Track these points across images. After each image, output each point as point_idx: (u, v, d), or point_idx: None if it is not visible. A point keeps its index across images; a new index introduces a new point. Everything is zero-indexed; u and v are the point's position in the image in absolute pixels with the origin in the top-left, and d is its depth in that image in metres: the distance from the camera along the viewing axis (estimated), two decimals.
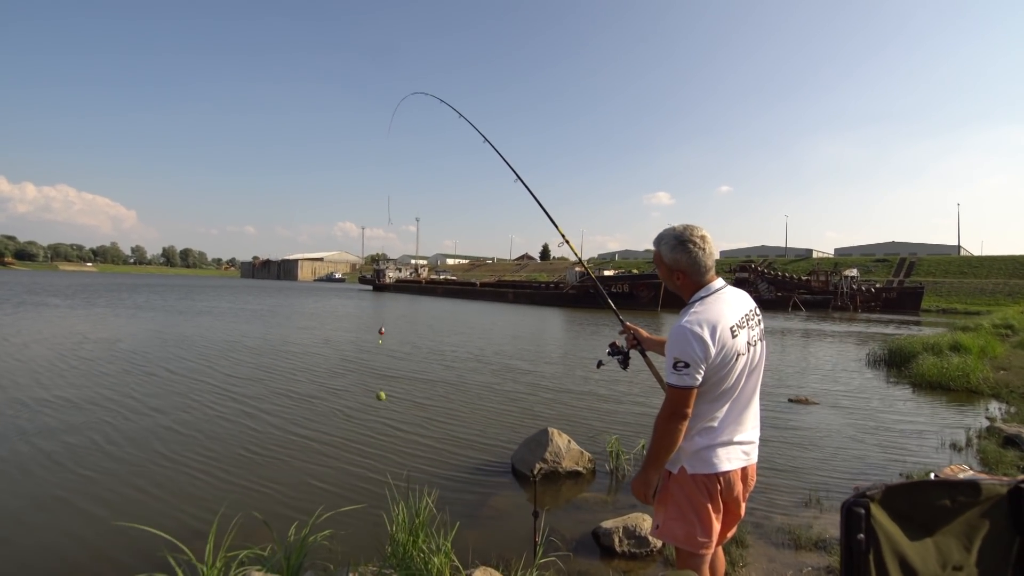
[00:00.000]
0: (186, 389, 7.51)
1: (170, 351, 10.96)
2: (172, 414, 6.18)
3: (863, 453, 5.36)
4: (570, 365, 10.90)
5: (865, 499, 1.10)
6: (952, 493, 1.15)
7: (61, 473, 4.37)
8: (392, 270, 70.41)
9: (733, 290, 1.85)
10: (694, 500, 1.78)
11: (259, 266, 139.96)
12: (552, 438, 4.69)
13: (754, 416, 1.85)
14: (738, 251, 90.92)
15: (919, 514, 1.13)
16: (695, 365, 1.66)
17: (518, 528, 3.53)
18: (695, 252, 1.80)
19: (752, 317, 1.83)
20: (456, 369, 9.99)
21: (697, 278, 1.83)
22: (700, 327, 1.68)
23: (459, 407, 6.98)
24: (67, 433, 5.35)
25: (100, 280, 63.92)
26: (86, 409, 6.26)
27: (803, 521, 3.63)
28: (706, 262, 1.81)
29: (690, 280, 1.84)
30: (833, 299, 42.83)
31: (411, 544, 2.61)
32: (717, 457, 1.76)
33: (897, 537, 1.10)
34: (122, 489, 4.10)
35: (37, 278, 63.24)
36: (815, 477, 4.60)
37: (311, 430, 5.76)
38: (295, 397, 7.29)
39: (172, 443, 5.18)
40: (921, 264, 59.27)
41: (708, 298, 1.78)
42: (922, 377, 9.07)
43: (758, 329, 1.83)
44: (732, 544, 3.22)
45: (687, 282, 1.85)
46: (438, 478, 4.38)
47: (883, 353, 11.64)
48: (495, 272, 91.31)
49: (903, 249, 72.40)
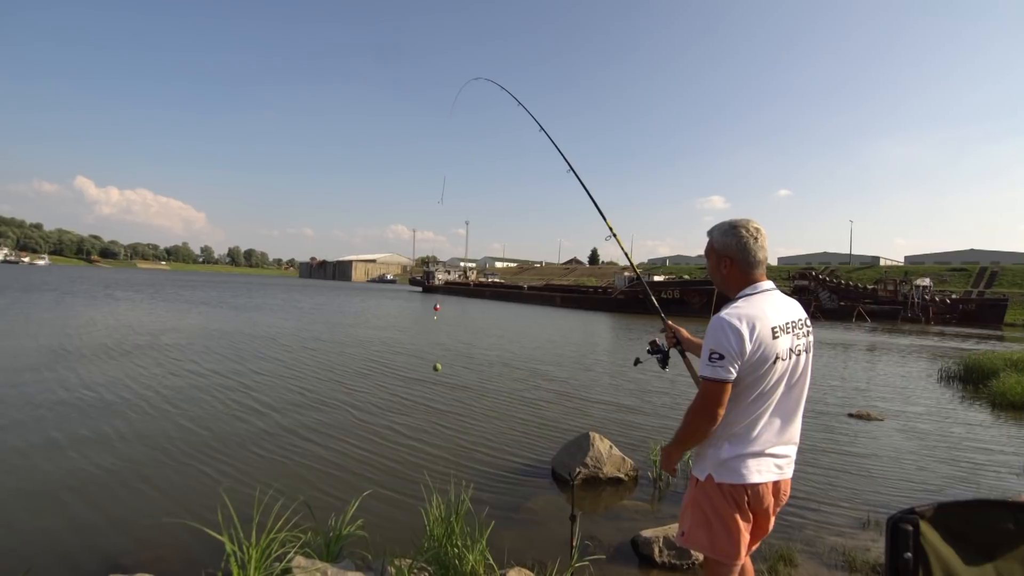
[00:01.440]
0: (232, 380, 7.88)
1: (227, 341, 11.55)
2: (219, 402, 6.50)
3: (931, 474, 5.00)
4: (616, 371, 10.73)
5: (914, 515, 1.01)
6: (1017, 515, 1.05)
7: (107, 457, 4.65)
8: (441, 272, 71.66)
9: (783, 295, 1.79)
10: (720, 509, 1.73)
11: (316, 266, 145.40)
12: (593, 443, 4.62)
13: (793, 429, 1.77)
14: (798, 258, 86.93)
15: (977, 536, 1.04)
16: (730, 358, 1.61)
17: (555, 531, 3.49)
18: (746, 239, 1.74)
19: (800, 326, 1.74)
20: (500, 370, 10.03)
21: (745, 268, 1.76)
22: (739, 320, 1.63)
23: (501, 408, 6.99)
24: (112, 418, 5.73)
25: (172, 277, 68.31)
26: (151, 397, 6.68)
27: (859, 543, 3.42)
28: (756, 254, 1.75)
29: (737, 270, 1.78)
30: (903, 310, 40.18)
31: (446, 539, 2.63)
32: (747, 468, 1.70)
33: (949, 558, 1.01)
34: (166, 473, 4.32)
35: (117, 275, 68.24)
36: (876, 497, 4.32)
37: (352, 423, 5.92)
38: (339, 391, 7.51)
39: (218, 430, 5.44)
40: (1004, 274, 54.74)
41: (754, 296, 1.73)
42: (1004, 396, 8.35)
43: (805, 340, 1.75)
44: (779, 562, 3.07)
45: (734, 272, 1.78)
46: (476, 476, 4.40)
47: (958, 369, 10.82)
48: (543, 276, 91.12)
49: (983, 257, 67.14)
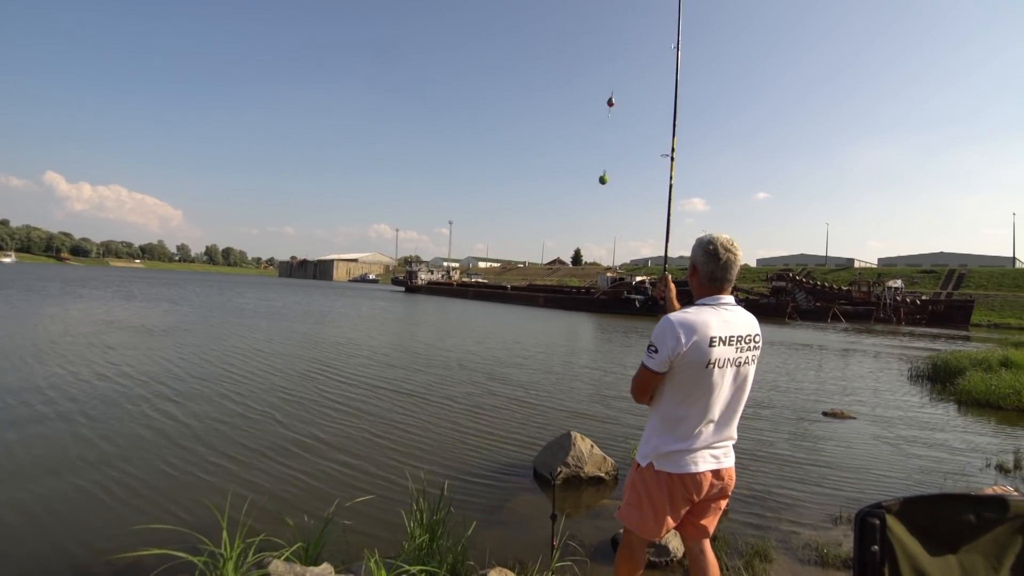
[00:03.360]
0: (199, 378, 7.75)
1: (195, 341, 11.34)
2: (190, 404, 6.39)
3: (900, 471, 5.14)
4: (598, 371, 10.80)
5: (881, 510, 1.05)
6: (977, 508, 1.09)
7: (69, 460, 4.52)
8: (424, 272, 71.20)
9: (738, 311, 1.94)
10: (653, 494, 1.96)
11: (296, 266, 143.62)
12: (575, 442, 4.65)
13: (730, 428, 1.97)
14: (776, 259, 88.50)
15: (940, 528, 1.08)
16: (662, 355, 1.83)
17: (536, 531, 3.51)
18: (715, 255, 1.91)
19: (747, 340, 1.91)
20: (483, 371, 10.02)
21: (707, 281, 1.94)
22: (680, 326, 1.82)
23: (483, 408, 6.99)
24: (78, 417, 5.59)
25: (144, 275, 66.75)
26: (103, 395, 6.53)
27: (831, 538, 3.50)
28: (719, 271, 1.91)
29: (699, 281, 1.96)
30: (875, 311, 41.19)
31: (427, 541, 2.63)
32: (684, 460, 1.91)
33: (915, 550, 1.05)
34: (137, 477, 4.21)
35: (85, 272, 66.42)
36: (847, 493, 4.43)
37: (330, 425, 5.86)
38: (316, 393, 7.43)
39: (192, 433, 5.35)
40: (971, 276, 56.47)
41: (705, 307, 1.90)
42: (969, 394, 8.63)
43: (749, 353, 1.92)
44: (755, 558, 3.13)
45: (698, 281, 1.97)
46: (458, 477, 4.39)
47: (927, 368, 11.15)
48: (526, 276, 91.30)
49: (952, 260, 69.14)
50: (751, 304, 41.84)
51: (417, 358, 11.34)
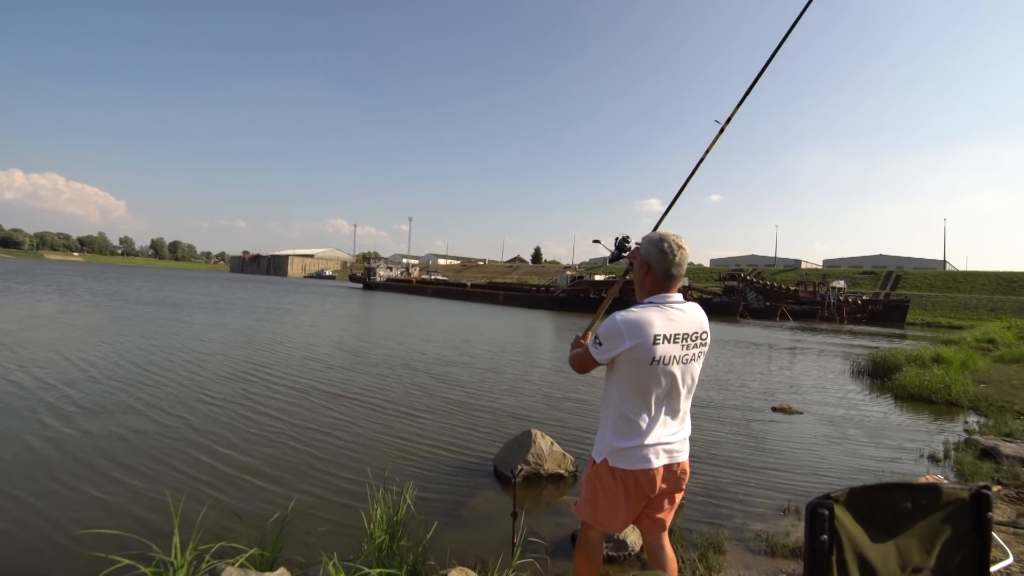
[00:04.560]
0: (149, 382, 7.42)
1: (135, 342, 10.84)
2: (138, 407, 6.11)
3: (844, 462, 5.41)
4: (557, 368, 10.91)
5: (829, 500, 1.11)
6: (913, 495, 1.17)
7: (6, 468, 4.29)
8: (383, 269, 70.20)
9: (687, 307, 1.99)
10: (608, 489, 2.00)
11: (249, 261, 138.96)
12: (535, 440, 4.68)
13: (680, 422, 2.03)
14: (728, 260, 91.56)
15: (880, 516, 1.15)
16: (605, 348, 1.93)
17: (497, 529, 3.52)
18: (667, 252, 1.97)
19: (694, 338, 1.97)
20: (442, 369, 9.97)
21: (658, 278, 1.99)
22: (625, 324, 1.89)
23: (443, 407, 6.95)
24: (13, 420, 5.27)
25: (82, 269, 63.01)
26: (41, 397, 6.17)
27: (781, 529, 3.65)
28: (671, 268, 1.97)
29: (651, 279, 2.00)
30: (820, 310, 43.21)
31: (387, 542, 2.60)
32: (636, 456, 1.95)
33: (859, 538, 1.11)
34: (75, 483, 4.02)
35: (15, 265, 62.20)
36: (795, 485, 4.63)
37: (288, 427, 5.71)
38: (270, 394, 7.23)
39: (143, 438, 5.12)
40: (907, 278, 60.01)
41: (652, 306, 1.95)
42: (904, 389, 9.18)
43: (695, 350, 1.98)
44: (709, 550, 3.23)
45: (648, 279, 2.01)
46: (418, 478, 4.35)
47: (867, 364, 11.76)
48: (486, 274, 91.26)
49: (890, 262, 73.33)
50: (704, 303, 42.91)
51: (377, 358, 11.17)
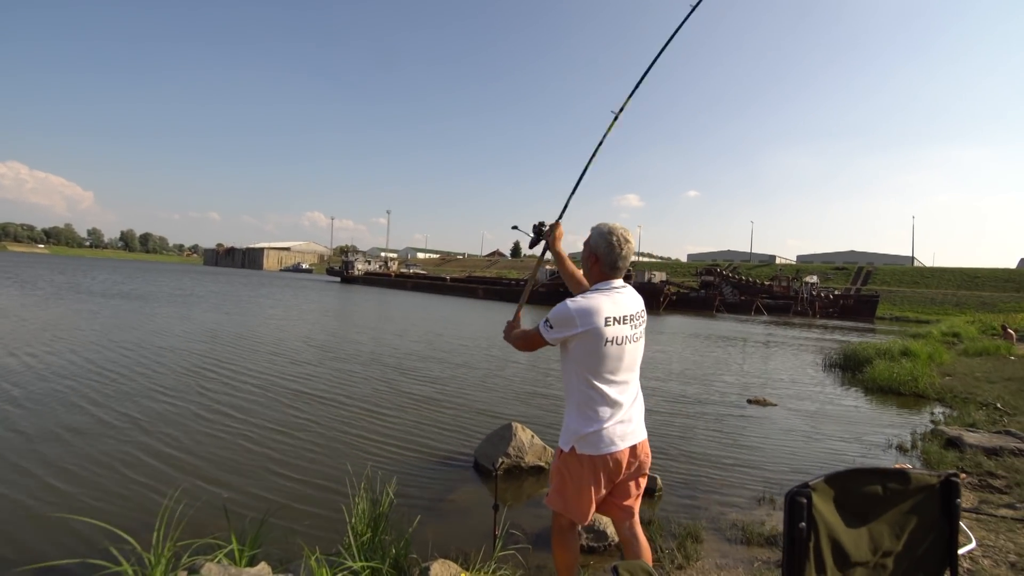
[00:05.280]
0: (126, 375, 7.26)
1: (110, 334, 10.57)
2: (116, 402, 5.97)
3: (816, 453, 5.56)
4: (536, 362, 10.96)
5: (807, 489, 1.14)
6: (883, 480, 1.21)
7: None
8: (361, 262, 69.45)
9: (627, 291, 2.12)
10: (577, 477, 2.04)
11: (223, 254, 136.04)
12: (516, 433, 4.71)
13: (636, 401, 2.12)
14: (705, 255, 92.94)
15: (853, 502, 1.19)
16: (556, 330, 2.00)
17: (479, 522, 3.54)
18: (614, 245, 2.07)
19: (637, 317, 2.09)
20: (423, 363, 9.94)
21: (605, 268, 2.09)
22: (576, 310, 1.97)
23: (423, 401, 6.94)
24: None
25: (47, 261, 61.01)
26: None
27: (756, 518, 3.74)
28: (617, 261, 2.08)
29: (599, 268, 2.11)
30: (794, 304, 44.18)
31: (370, 536, 2.59)
32: (603, 441, 2.01)
33: (835, 524, 1.15)
34: (59, 478, 3.93)
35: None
36: (770, 475, 4.75)
37: (267, 422, 5.64)
38: (251, 388, 7.13)
39: (114, 432, 5.01)
40: (877, 273, 61.64)
41: (600, 292, 2.06)
42: (874, 381, 9.45)
43: (640, 328, 2.11)
44: (687, 539, 3.29)
45: (596, 268, 2.11)
46: (399, 472, 4.34)
47: (839, 358, 12.06)
48: (465, 268, 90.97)
49: (861, 258, 75.29)
50: (683, 297, 43.72)
51: (359, 352, 11.09)
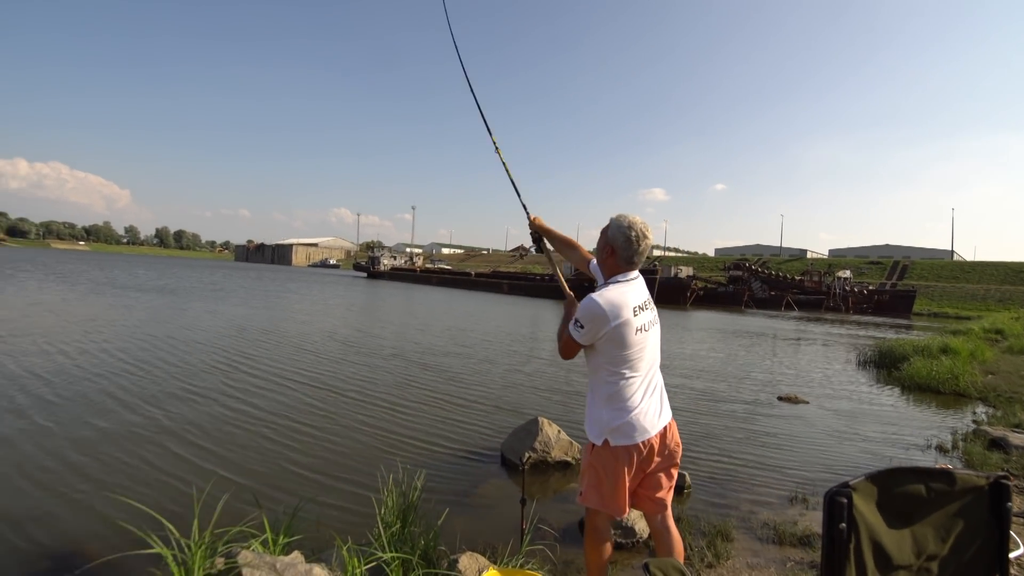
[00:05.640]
0: (162, 367, 7.49)
1: (159, 327, 10.92)
2: (146, 395, 6.17)
3: (850, 452, 5.42)
4: (558, 357, 10.92)
5: (848, 488, 1.11)
6: (928, 480, 1.17)
7: (25, 447, 4.35)
8: (387, 258, 70.34)
9: (640, 279, 2.15)
10: (612, 471, 2.03)
11: (253, 250, 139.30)
12: (542, 427, 4.71)
13: (660, 385, 2.14)
14: (733, 249, 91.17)
15: (896, 503, 1.15)
16: (587, 330, 1.99)
17: (506, 516, 3.55)
18: (632, 239, 2.07)
19: (649, 303, 2.12)
20: (449, 358, 10.01)
21: (621, 262, 2.10)
22: (606, 307, 1.97)
23: (450, 396, 6.99)
24: (27, 405, 5.34)
25: (92, 258, 63.37)
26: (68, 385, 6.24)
27: (788, 517, 3.67)
28: (634, 256, 2.09)
29: (614, 261, 2.11)
30: (826, 300, 43.07)
31: (400, 527, 2.63)
32: (636, 429, 2.00)
33: (876, 525, 1.12)
34: (98, 465, 4.07)
35: (31, 255, 62.54)
36: (802, 474, 4.65)
37: (294, 416, 5.75)
38: (277, 382, 7.28)
39: (147, 425, 5.18)
40: (914, 268, 59.63)
41: (621, 283, 2.07)
42: (911, 379, 9.15)
43: (654, 314, 2.14)
44: (717, 537, 3.25)
45: (612, 260, 2.12)
46: (427, 465, 4.38)
47: (873, 355, 11.72)
48: (490, 263, 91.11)
49: (897, 252, 72.88)
50: (710, 293, 43.03)
51: (383, 347, 11.23)
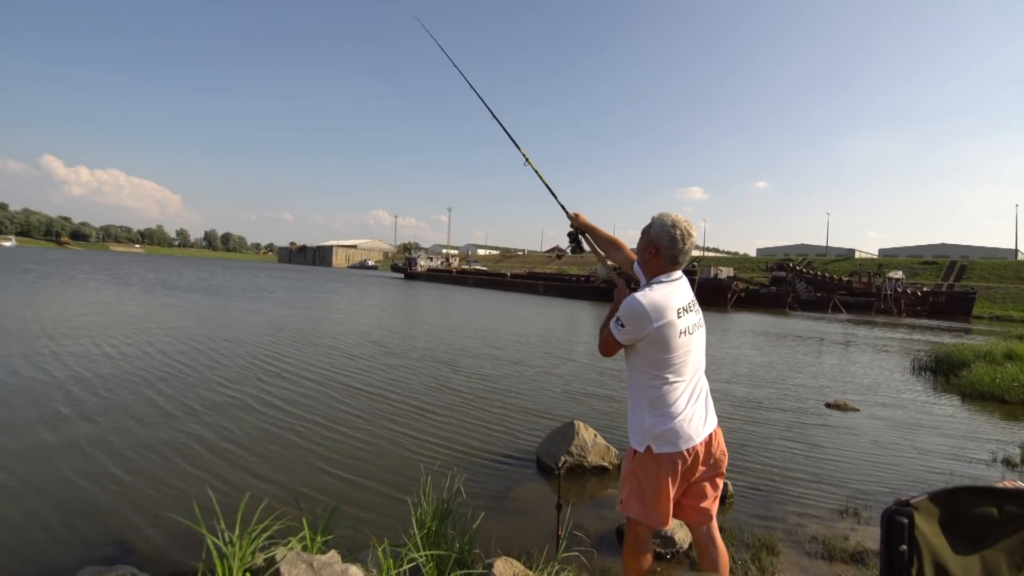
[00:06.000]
0: (204, 370, 7.76)
1: (219, 330, 11.34)
2: (184, 393, 6.40)
3: (905, 464, 5.13)
4: (598, 359, 10.79)
5: (908, 508, 1.03)
6: (999, 501, 1.07)
7: (77, 447, 4.55)
8: (424, 259, 71.14)
9: (684, 279, 2.11)
10: (655, 479, 1.97)
11: (295, 252, 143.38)
12: (578, 431, 4.65)
13: (705, 390, 2.08)
14: (776, 249, 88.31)
15: (964, 524, 1.06)
16: (629, 330, 1.96)
17: (541, 521, 3.52)
18: (676, 239, 2.02)
19: (693, 305, 2.07)
20: (484, 359, 10.03)
21: (665, 262, 2.05)
22: (648, 305, 1.93)
23: (486, 397, 7.00)
24: (78, 404, 5.60)
25: (148, 260, 66.62)
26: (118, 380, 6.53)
27: (839, 532, 3.50)
28: (678, 255, 2.04)
29: (658, 261, 2.06)
30: (876, 302, 41.11)
31: (435, 529, 2.63)
32: (680, 436, 1.94)
33: (940, 548, 1.03)
34: (144, 464, 4.22)
35: (93, 257, 66.27)
36: (853, 486, 4.43)
37: (328, 417, 5.84)
38: (312, 383, 7.43)
39: (188, 423, 5.36)
40: (973, 268, 56.31)
41: (664, 283, 2.02)
42: (973, 387, 8.61)
43: (698, 317, 2.08)
44: (762, 550, 3.13)
45: (655, 261, 2.07)
46: (463, 467, 4.39)
47: (930, 360, 11.10)
48: (526, 264, 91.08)
49: (953, 251, 69.04)
50: (752, 294, 41.81)
51: (416, 348, 11.34)
